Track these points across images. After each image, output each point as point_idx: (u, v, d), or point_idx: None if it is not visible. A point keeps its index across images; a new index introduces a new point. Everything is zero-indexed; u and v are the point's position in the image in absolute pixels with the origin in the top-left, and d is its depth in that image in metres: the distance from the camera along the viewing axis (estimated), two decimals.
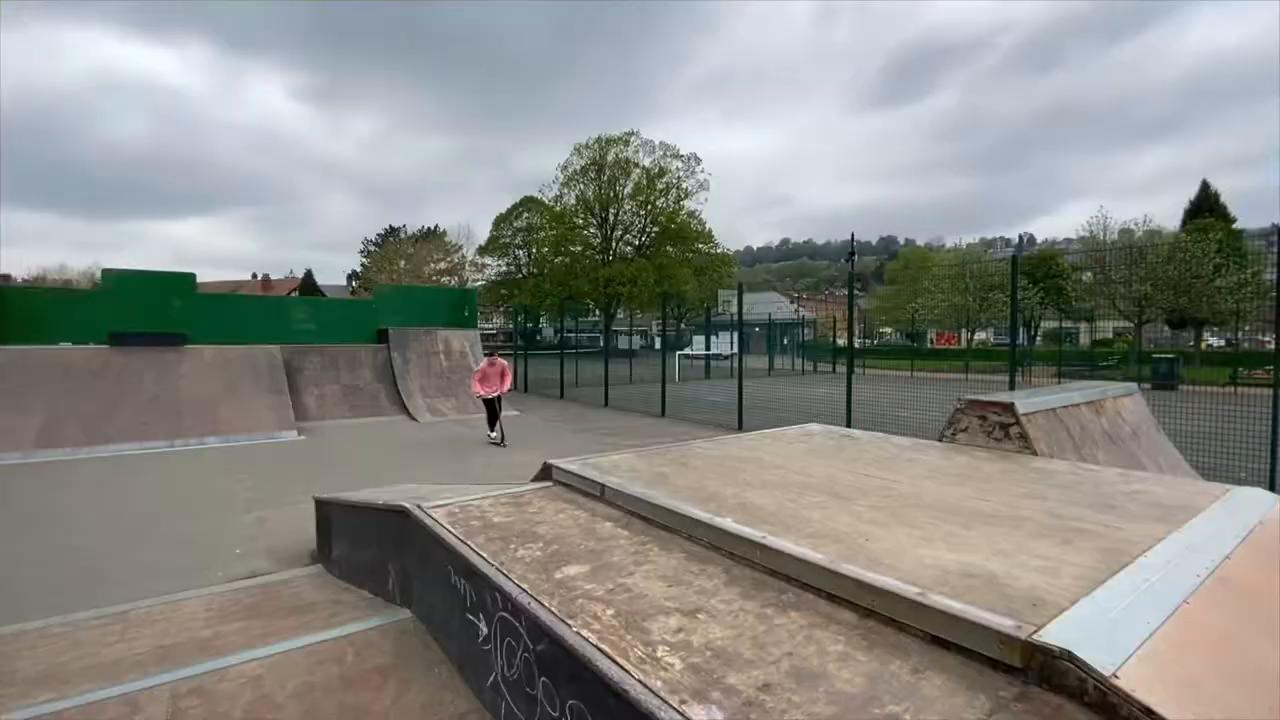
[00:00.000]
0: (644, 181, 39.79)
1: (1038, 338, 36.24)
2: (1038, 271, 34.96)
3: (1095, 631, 1.31)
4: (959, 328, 37.07)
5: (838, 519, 2.17)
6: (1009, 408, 3.29)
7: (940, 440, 3.62)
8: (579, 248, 39.10)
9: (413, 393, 12.62)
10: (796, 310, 50.90)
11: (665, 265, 38.50)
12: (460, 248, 49.77)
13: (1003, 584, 1.59)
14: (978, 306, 33.20)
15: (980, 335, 36.52)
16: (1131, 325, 30.38)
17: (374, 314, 14.25)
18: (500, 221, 43.89)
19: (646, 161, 40.41)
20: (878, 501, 2.40)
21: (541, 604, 1.68)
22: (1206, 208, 43.48)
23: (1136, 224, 34.54)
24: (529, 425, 11.52)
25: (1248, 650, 1.44)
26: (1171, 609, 1.45)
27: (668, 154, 40.44)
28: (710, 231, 41.44)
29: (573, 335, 33.64)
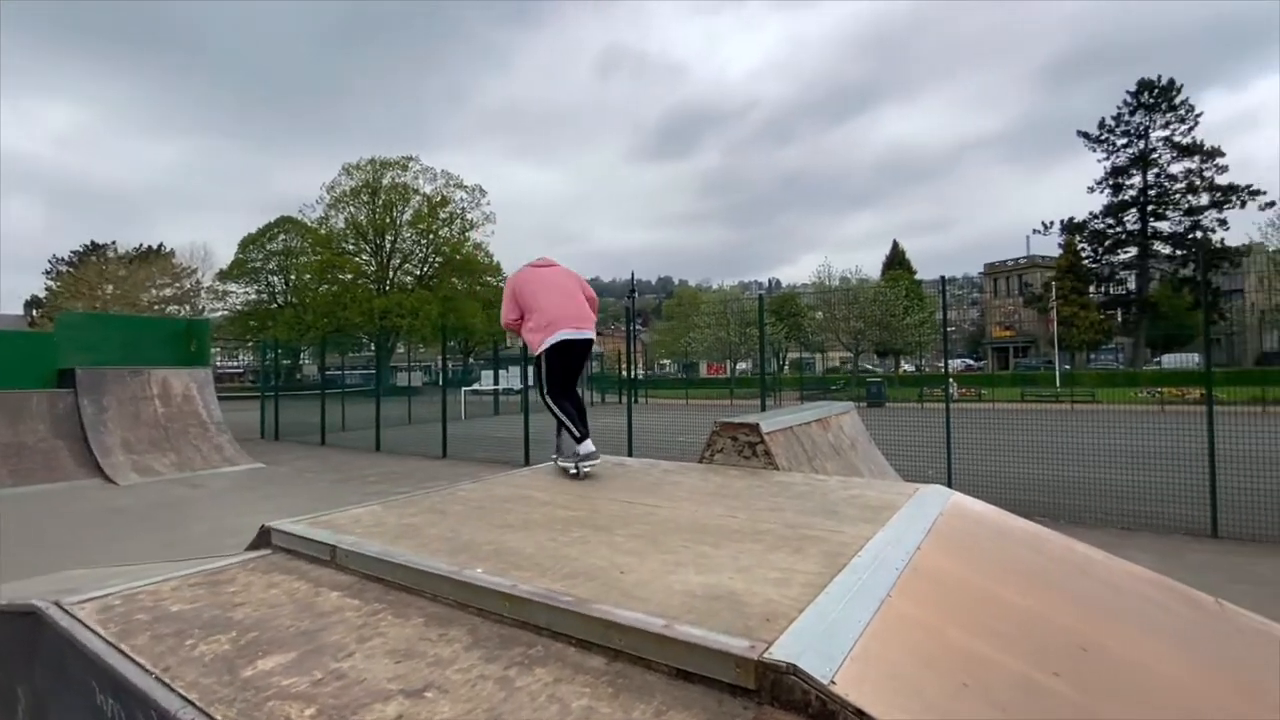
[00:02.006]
0: (425, 209, 37.98)
1: (785, 366, 42.05)
2: (782, 310, 40.78)
3: (816, 640, 1.37)
4: (725, 359, 41.43)
5: (596, 553, 2.08)
6: (755, 428, 3.59)
7: (700, 461, 3.82)
8: (349, 275, 35.67)
9: (111, 449, 10.07)
10: None
11: (451, 297, 36.93)
12: (194, 271, 42.09)
13: (742, 602, 1.62)
14: (738, 340, 37.41)
15: (742, 365, 41.24)
16: (851, 354, 36.88)
17: (52, 350, 11.10)
18: (249, 243, 38.20)
19: (428, 189, 38.70)
20: (638, 529, 2.38)
21: (211, 718, 1.28)
22: (897, 261, 55.05)
23: (851, 273, 42.20)
24: (277, 479, 9.90)
25: (934, 631, 1.64)
26: (877, 604, 1.60)
27: (451, 183, 39.23)
28: (499, 265, 40.89)
29: (340, 373, 30.18)
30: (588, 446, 3.39)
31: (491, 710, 1.29)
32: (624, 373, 35.81)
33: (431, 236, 38.14)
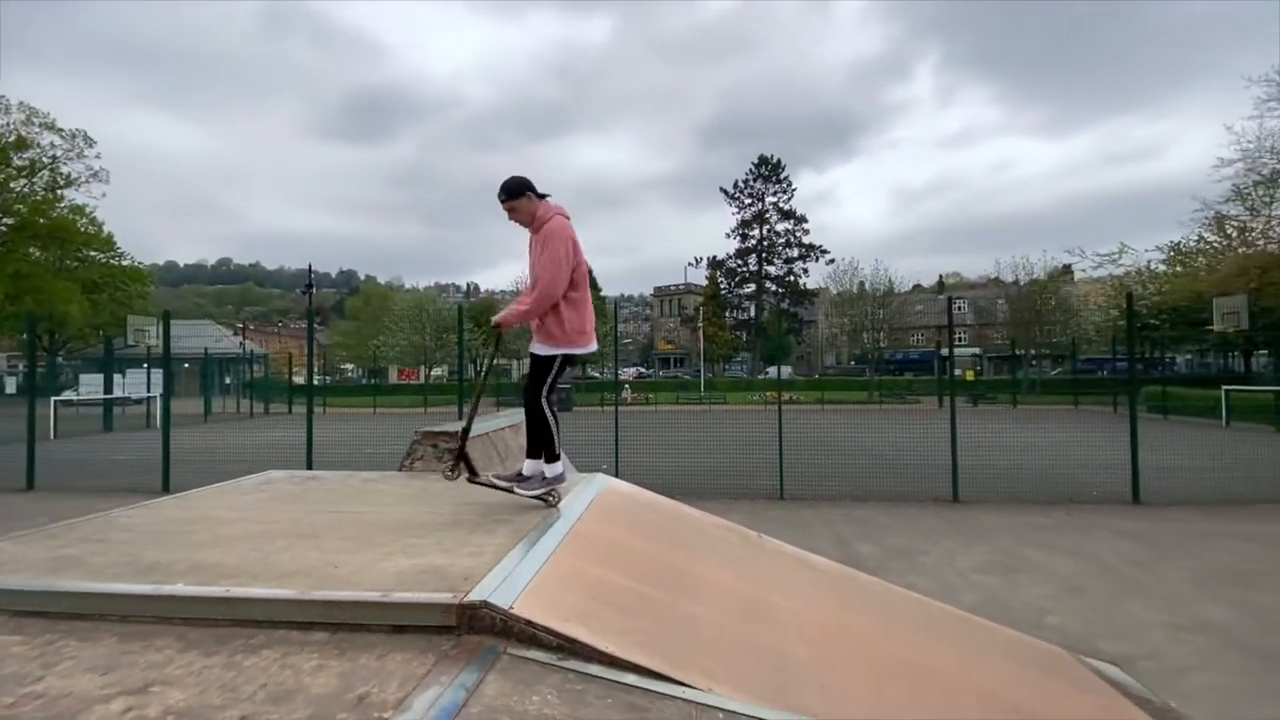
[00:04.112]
0: None
1: (485, 373, 42.39)
2: (482, 317, 40.93)
3: (501, 586, 1.92)
4: (419, 364, 39.77)
5: (307, 556, 2.29)
6: (455, 435, 4.01)
7: (400, 470, 4.07)
8: None
9: None
10: (242, 343, 44.37)
11: (27, 274, 27.69)
12: None
13: (446, 572, 2.09)
14: (435, 346, 36.39)
15: (437, 371, 40.15)
16: None
17: None
18: None
19: None
20: (347, 533, 2.62)
21: None
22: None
23: None
24: None
25: (581, 571, 2.35)
26: (545, 559, 2.24)
27: (35, 120, 29.45)
28: (110, 236, 32.07)
29: None
30: (558, 468, 3.00)
31: (226, 685, 1.51)
32: (293, 378, 31.55)
33: (2, 191, 27.89)
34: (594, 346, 3.04)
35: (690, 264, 54.70)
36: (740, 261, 54.52)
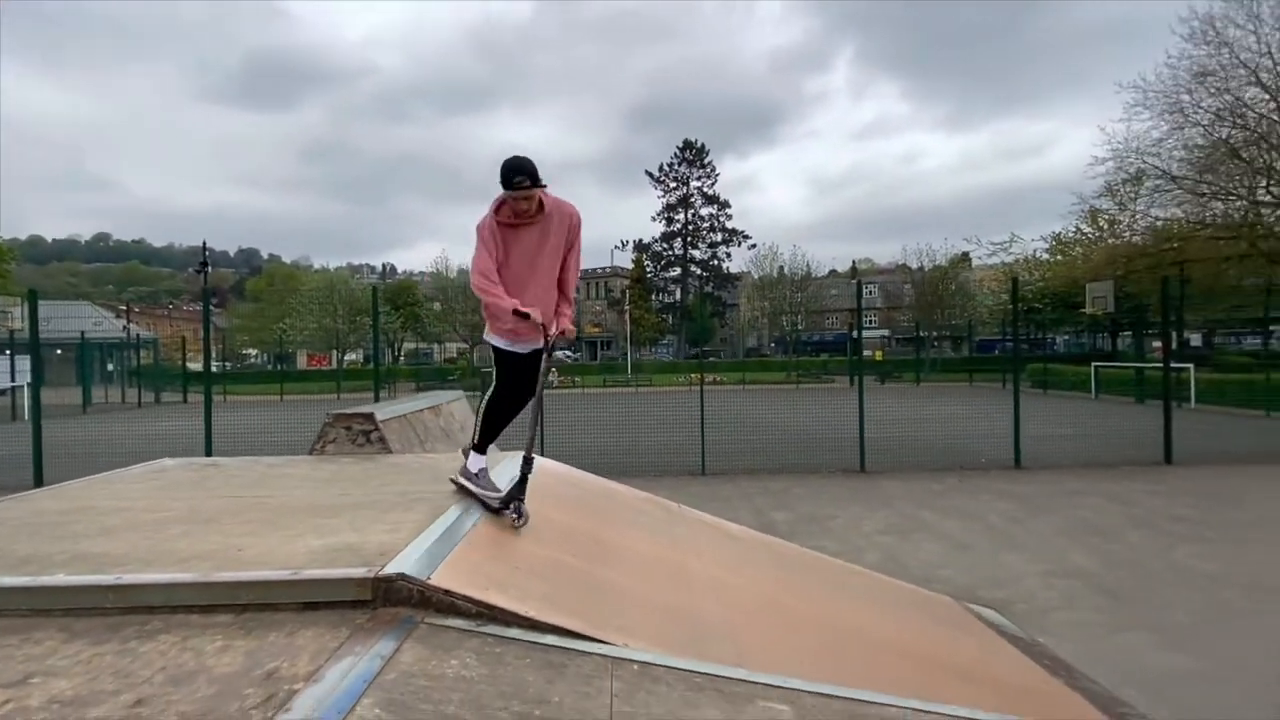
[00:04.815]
0: None
1: (401, 358, 40.75)
2: (399, 299, 39.31)
3: (419, 559, 1.92)
4: (330, 349, 37.74)
5: (207, 540, 2.18)
6: (369, 417, 3.89)
7: (311, 454, 3.91)
8: None
9: None
10: (126, 326, 40.40)
11: None
12: None
13: (360, 549, 2.05)
14: (347, 329, 34.63)
15: (351, 356, 38.24)
16: (468, 346, 38.11)
17: None
18: None
19: None
20: (252, 517, 2.51)
21: None
22: None
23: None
24: None
25: (505, 542, 2.37)
26: (465, 532, 2.24)
27: None
28: None
29: None
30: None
31: (120, 671, 1.44)
32: (187, 363, 29.23)
33: None
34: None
35: (617, 247, 54.78)
36: (666, 245, 55.03)
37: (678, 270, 55.20)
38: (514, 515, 2.53)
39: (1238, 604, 4.56)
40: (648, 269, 55.53)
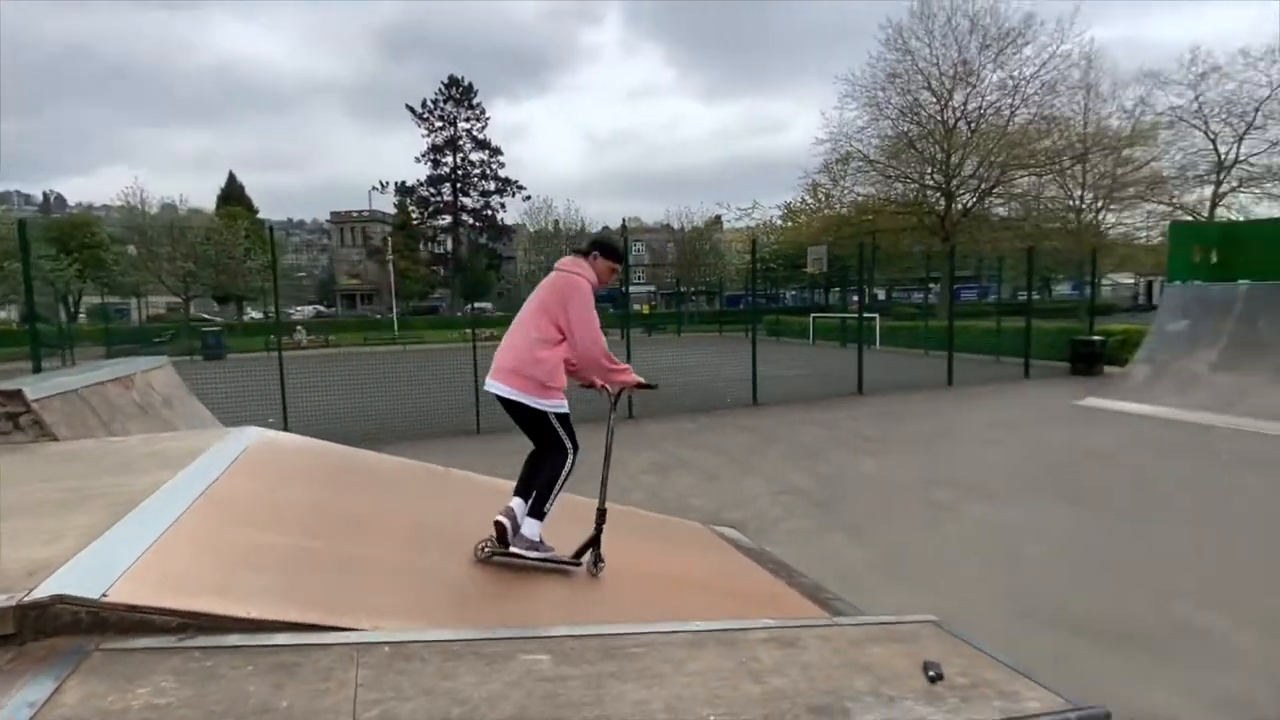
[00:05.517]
0: None
1: (80, 315, 32.14)
2: (72, 240, 30.73)
3: (86, 572, 1.53)
4: None
5: None
6: (16, 395, 2.98)
7: None
8: None
9: None
10: None
11: None
12: None
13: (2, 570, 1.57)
14: None
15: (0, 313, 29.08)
16: (181, 300, 31.45)
17: None
18: None
19: None
20: None
21: None
22: (235, 197, 49.44)
23: (179, 201, 35.50)
24: None
25: (221, 534, 2.02)
26: (162, 530, 1.85)
27: None
28: None
29: None
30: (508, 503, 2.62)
31: None
32: None
33: None
34: (489, 379, 2.71)
35: (376, 189, 49.10)
36: (434, 190, 51.10)
37: (448, 218, 51.89)
38: (594, 564, 2.66)
39: (900, 501, 5.94)
40: (414, 215, 51.20)
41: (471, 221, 52.45)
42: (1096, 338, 13.89)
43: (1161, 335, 11.16)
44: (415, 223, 51.30)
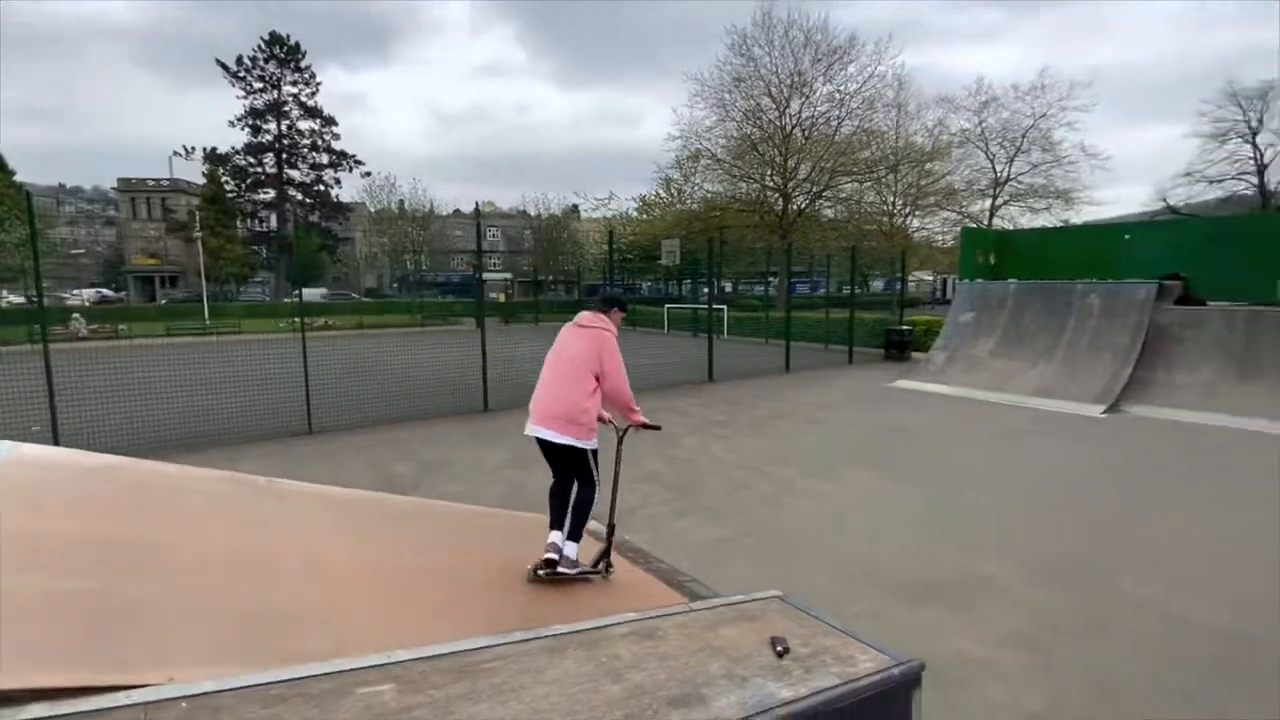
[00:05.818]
0: None
1: None
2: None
3: None
4: None
5: None
6: None
7: None
8: None
9: None
10: None
11: None
12: None
13: None
14: None
15: None
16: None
17: None
18: None
19: None
20: None
21: None
22: None
23: None
24: None
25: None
26: None
27: None
28: None
29: None
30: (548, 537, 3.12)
31: None
32: None
33: None
34: (533, 425, 3.28)
35: (179, 154, 42.13)
36: (254, 160, 45.15)
37: (271, 192, 46.22)
38: (606, 570, 3.23)
39: (746, 481, 6.33)
40: (228, 187, 44.93)
41: (300, 197, 47.38)
42: (905, 328, 15.91)
43: (955, 326, 13.01)
44: (231, 195, 45.18)
